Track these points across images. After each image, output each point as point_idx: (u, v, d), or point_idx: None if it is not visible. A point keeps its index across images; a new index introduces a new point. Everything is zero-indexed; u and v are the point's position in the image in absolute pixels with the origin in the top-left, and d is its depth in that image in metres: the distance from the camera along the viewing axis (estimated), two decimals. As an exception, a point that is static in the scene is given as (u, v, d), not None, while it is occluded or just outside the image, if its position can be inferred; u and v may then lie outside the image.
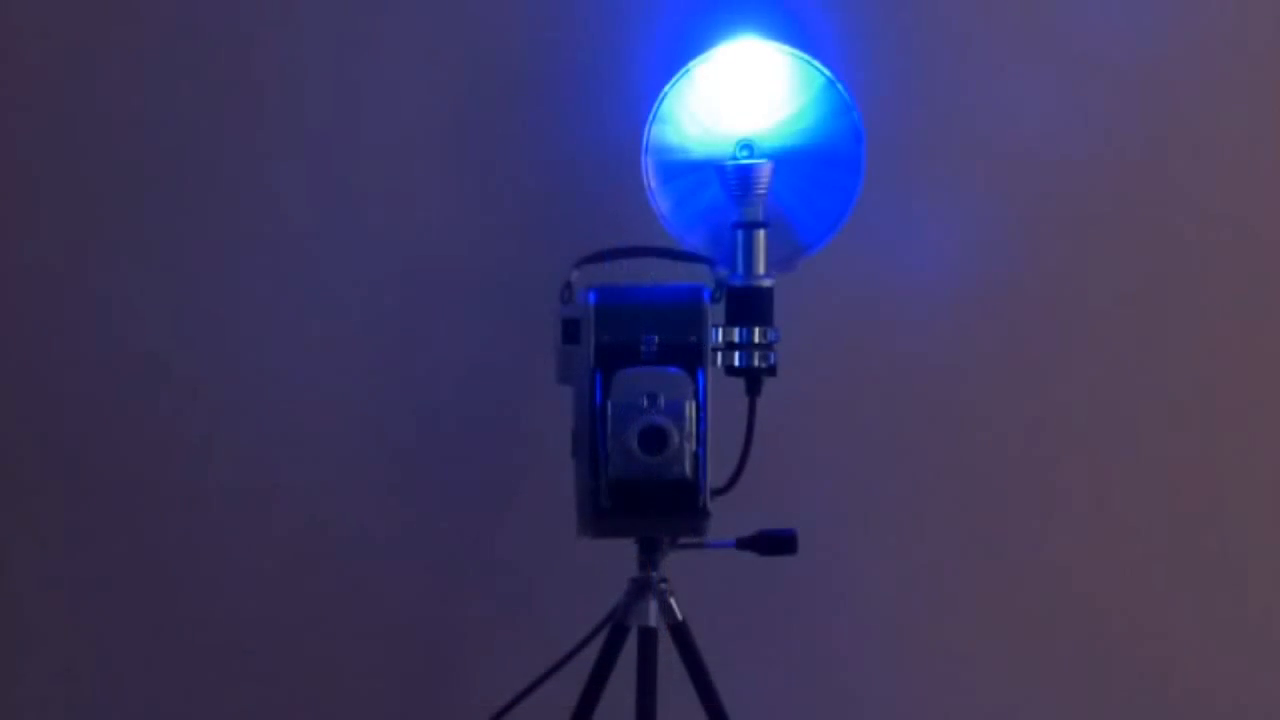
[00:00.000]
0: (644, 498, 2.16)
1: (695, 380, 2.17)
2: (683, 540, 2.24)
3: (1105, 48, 2.60)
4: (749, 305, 2.24)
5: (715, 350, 2.22)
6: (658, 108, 2.28)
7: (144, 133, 2.63)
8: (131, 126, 2.63)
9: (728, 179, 2.26)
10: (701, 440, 2.16)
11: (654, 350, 2.19)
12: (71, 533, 2.65)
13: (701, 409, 2.16)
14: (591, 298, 2.21)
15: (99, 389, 2.64)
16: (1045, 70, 2.61)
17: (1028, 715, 2.64)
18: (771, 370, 2.25)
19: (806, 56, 2.28)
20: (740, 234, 2.25)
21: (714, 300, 2.23)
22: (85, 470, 2.65)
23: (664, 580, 2.24)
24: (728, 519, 2.23)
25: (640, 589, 2.23)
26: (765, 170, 2.25)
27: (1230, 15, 2.61)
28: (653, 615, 2.22)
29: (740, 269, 2.25)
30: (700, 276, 2.25)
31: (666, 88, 2.28)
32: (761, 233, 2.25)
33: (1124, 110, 2.61)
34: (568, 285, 2.23)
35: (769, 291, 2.25)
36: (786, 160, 2.26)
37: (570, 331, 2.22)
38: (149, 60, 2.63)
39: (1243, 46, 2.62)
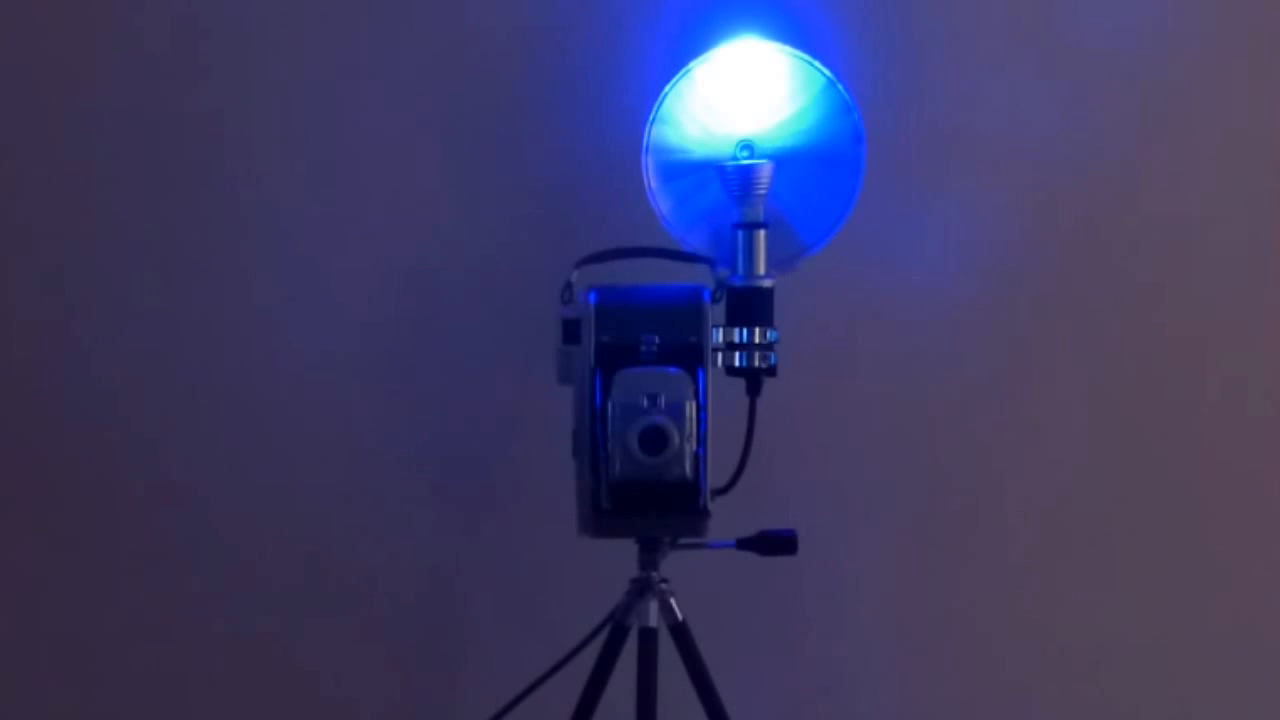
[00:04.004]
0: (644, 498, 2.16)
1: (696, 380, 2.17)
2: (683, 540, 2.24)
3: (1105, 47, 2.60)
4: (749, 305, 2.24)
5: (716, 350, 2.22)
6: (658, 108, 2.28)
7: (143, 134, 2.63)
8: (131, 128, 2.63)
9: (728, 179, 2.26)
10: (702, 440, 2.16)
11: (654, 350, 2.19)
12: (72, 532, 2.65)
13: (702, 409, 2.16)
14: (592, 298, 2.21)
15: (101, 389, 2.64)
16: (1045, 70, 2.61)
17: (1026, 715, 2.64)
18: (772, 370, 2.25)
19: (807, 57, 2.28)
20: (740, 234, 2.25)
21: (714, 300, 2.23)
22: (87, 470, 2.65)
23: (664, 580, 2.24)
24: (728, 519, 2.24)
25: (640, 589, 2.23)
26: (766, 171, 2.25)
27: (1230, 15, 2.61)
28: (653, 615, 2.22)
29: (740, 269, 2.25)
30: (701, 277, 2.25)
31: (667, 88, 2.28)
32: (762, 233, 2.25)
33: (1124, 110, 2.61)
34: (568, 285, 2.24)
35: (769, 292, 2.25)
36: (787, 161, 2.26)
37: (570, 331, 2.22)
38: (148, 62, 2.63)
39: (1242, 46, 2.62)
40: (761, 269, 2.25)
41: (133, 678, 2.65)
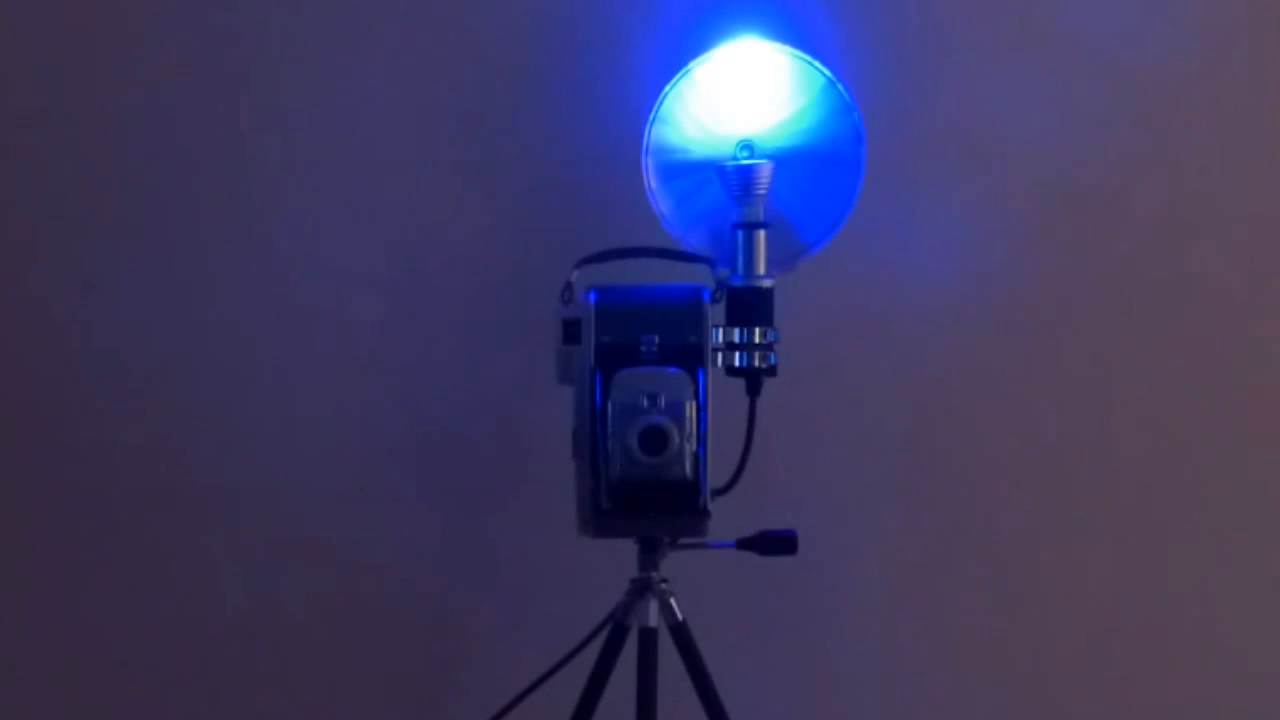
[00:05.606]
0: (644, 498, 2.16)
1: (695, 380, 2.17)
2: (683, 540, 2.24)
3: (1104, 47, 2.60)
4: (749, 305, 2.24)
5: (715, 350, 2.22)
6: (658, 108, 2.28)
7: (141, 133, 2.63)
8: (129, 129, 2.63)
9: (728, 179, 2.26)
10: (702, 440, 2.16)
11: (654, 350, 2.19)
12: (69, 532, 2.65)
13: (702, 409, 2.16)
14: (592, 298, 2.21)
15: (101, 388, 2.64)
16: (1045, 70, 2.61)
17: (1026, 715, 2.64)
18: (772, 370, 2.25)
19: (807, 57, 2.28)
20: (740, 234, 2.25)
21: (714, 300, 2.23)
22: (86, 470, 2.64)
23: (664, 580, 2.24)
24: (728, 519, 2.23)
25: (640, 589, 2.23)
26: (766, 170, 2.25)
27: (1229, 14, 2.61)
28: (653, 615, 2.22)
29: (740, 269, 2.25)
30: (700, 277, 2.25)
31: (667, 88, 2.28)
32: (762, 233, 2.25)
33: (1123, 110, 2.61)
34: (568, 285, 2.24)
35: (769, 292, 2.25)
36: (787, 161, 2.26)
37: (570, 332, 2.22)
38: (147, 60, 2.63)
39: (1241, 45, 2.62)
40: (761, 269, 2.25)
41: (129, 677, 2.65)
